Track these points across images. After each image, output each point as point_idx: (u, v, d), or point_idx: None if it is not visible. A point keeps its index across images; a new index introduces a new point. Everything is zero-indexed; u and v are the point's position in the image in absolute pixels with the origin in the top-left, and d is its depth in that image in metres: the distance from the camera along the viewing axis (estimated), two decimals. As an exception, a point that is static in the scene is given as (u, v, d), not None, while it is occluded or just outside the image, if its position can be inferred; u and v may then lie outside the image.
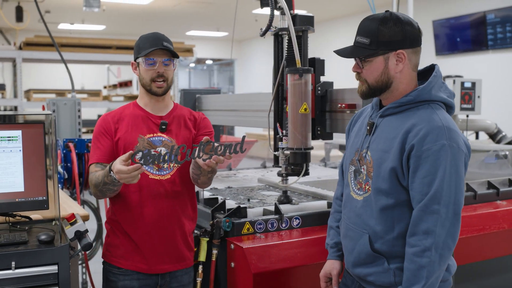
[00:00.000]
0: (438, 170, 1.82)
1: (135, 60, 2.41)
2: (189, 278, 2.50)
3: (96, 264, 4.23)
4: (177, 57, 2.39)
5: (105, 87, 13.23)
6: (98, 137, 2.40)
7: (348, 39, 2.03)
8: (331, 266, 2.24)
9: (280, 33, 3.04)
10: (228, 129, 12.79)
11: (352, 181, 2.09)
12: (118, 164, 2.08)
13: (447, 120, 1.90)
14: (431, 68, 2.06)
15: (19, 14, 10.10)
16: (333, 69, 3.18)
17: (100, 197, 2.39)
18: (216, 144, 2.06)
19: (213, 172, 2.31)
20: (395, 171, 1.90)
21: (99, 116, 11.30)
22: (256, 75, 16.44)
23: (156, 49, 2.32)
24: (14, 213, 2.39)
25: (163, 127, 2.41)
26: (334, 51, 2.06)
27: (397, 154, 1.89)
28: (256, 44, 16.24)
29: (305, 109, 2.85)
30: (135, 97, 10.15)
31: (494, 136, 5.14)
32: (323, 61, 3.09)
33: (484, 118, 5.21)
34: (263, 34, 3.04)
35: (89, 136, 6.47)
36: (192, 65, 18.49)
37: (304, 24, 3.00)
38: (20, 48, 8.33)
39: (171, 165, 2.40)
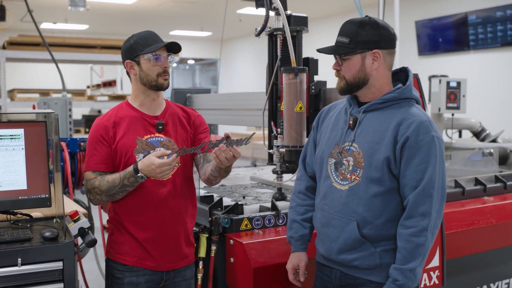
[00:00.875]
0: (430, 158, 2.02)
1: (132, 59, 2.38)
2: (191, 273, 2.54)
3: (86, 264, 4.24)
4: (180, 51, 2.42)
5: (88, 87, 13.14)
6: (94, 143, 2.37)
7: (332, 39, 2.18)
8: (298, 258, 2.33)
9: (274, 33, 3.09)
10: (211, 128, 12.80)
11: (333, 173, 2.20)
12: (157, 159, 2.17)
13: (427, 115, 2.14)
14: (402, 70, 2.24)
15: (1, 13, 9.98)
16: (322, 68, 3.24)
17: (103, 202, 2.37)
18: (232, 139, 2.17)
19: (228, 171, 2.41)
20: (388, 160, 2.05)
21: (83, 116, 11.27)
22: (240, 74, 16.46)
23: (168, 43, 2.35)
24: (15, 211, 2.41)
25: (160, 127, 2.42)
26: (317, 50, 2.23)
27: (390, 145, 2.06)
28: (240, 44, 16.27)
29: (301, 108, 2.91)
30: (119, 96, 10.11)
31: (478, 134, 5.26)
32: (316, 60, 3.16)
33: (469, 117, 5.33)
34: (258, 34, 3.10)
35: (78, 136, 6.43)
36: (174, 65, 18.45)
37: (299, 25, 3.07)
38: (4, 47, 8.26)
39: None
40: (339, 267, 2.20)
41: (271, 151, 3.13)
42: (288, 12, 3.06)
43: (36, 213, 2.54)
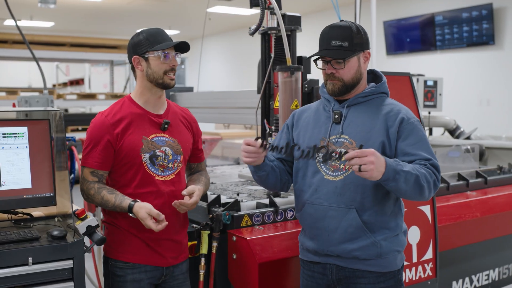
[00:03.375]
0: (423, 137, 2.22)
1: (140, 55, 2.38)
2: (187, 266, 2.56)
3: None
4: (188, 50, 2.43)
5: (54, 85, 12.89)
6: (95, 140, 2.34)
7: (307, 37, 2.26)
8: None
9: (269, 32, 3.13)
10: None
11: (323, 166, 2.26)
12: (149, 221, 2.23)
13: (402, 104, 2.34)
14: (369, 72, 2.42)
15: (-36, 10, 9.70)
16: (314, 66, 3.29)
17: (91, 203, 2.42)
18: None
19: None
20: (383, 144, 2.20)
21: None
22: (207, 73, 16.43)
23: (179, 43, 2.37)
24: (16, 210, 2.38)
25: (166, 126, 2.43)
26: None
27: (382, 130, 2.20)
28: (209, 42, 16.24)
29: (296, 106, 2.96)
30: (88, 95, 9.96)
31: (453, 131, 5.42)
32: (309, 59, 3.21)
33: (444, 115, 5.49)
34: (253, 33, 3.11)
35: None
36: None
37: (293, 24, 3.11)
38: (-30, 44, 8.06)
39: (175, 165, 2.45)
40: (335, 261, 2.25)
41: (265, 148, 3.16)
42: (282, 11, 3.10)
43: (36, 212, 2.50)
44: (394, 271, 2.24)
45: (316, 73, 3.34)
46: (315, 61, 2.36)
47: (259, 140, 2.19)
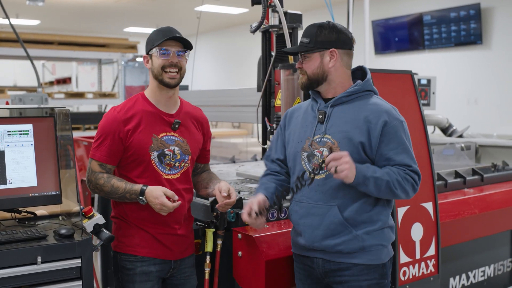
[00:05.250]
0: (404, 140, 2.27)
1: (147, 53, 2.42)
2: (193, 260, 2.62)
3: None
4: (191, 48, 2.43)
5: (40, 84, 12.72)
6: (106, 134, 2.37)
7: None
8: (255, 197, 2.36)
9: (270, 29, 3.13)
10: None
11: (307, 165, 2.33)
12: (164, 198, 2.24)
13: (388, 103, 2.36)
14: (358, 68, 2.46)
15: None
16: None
17: (98, 194, 2.44)
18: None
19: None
20: (362, 144, 2.24)
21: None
22: (196, 72, 16.39)
23: (170, 39, 2.36)
24: (20, 209, 2.35)
25: (176, 126, 2.45)
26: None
27: (364, 131, 2.25)
28: (197, 40, 16.20)
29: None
30: (76, 94, 9.87)
31: (446, 130, 5.46)
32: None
33: (436, 113, 5.53)
34: (254, 31, 3.12)
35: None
36: (122, 62, 18.13)
37: (294, 22, 3.12)
38: (-43, 42, 7.94)
39: (182, 164, 2.45)
40: (322, 255, 2.32)
41: (265, 146, 3.18)
42: (284, 9, 3.10)
43: (39, 210, 2.48)
44: (379, 264, 2.30)
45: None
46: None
47: (253, 214, 2.25)
